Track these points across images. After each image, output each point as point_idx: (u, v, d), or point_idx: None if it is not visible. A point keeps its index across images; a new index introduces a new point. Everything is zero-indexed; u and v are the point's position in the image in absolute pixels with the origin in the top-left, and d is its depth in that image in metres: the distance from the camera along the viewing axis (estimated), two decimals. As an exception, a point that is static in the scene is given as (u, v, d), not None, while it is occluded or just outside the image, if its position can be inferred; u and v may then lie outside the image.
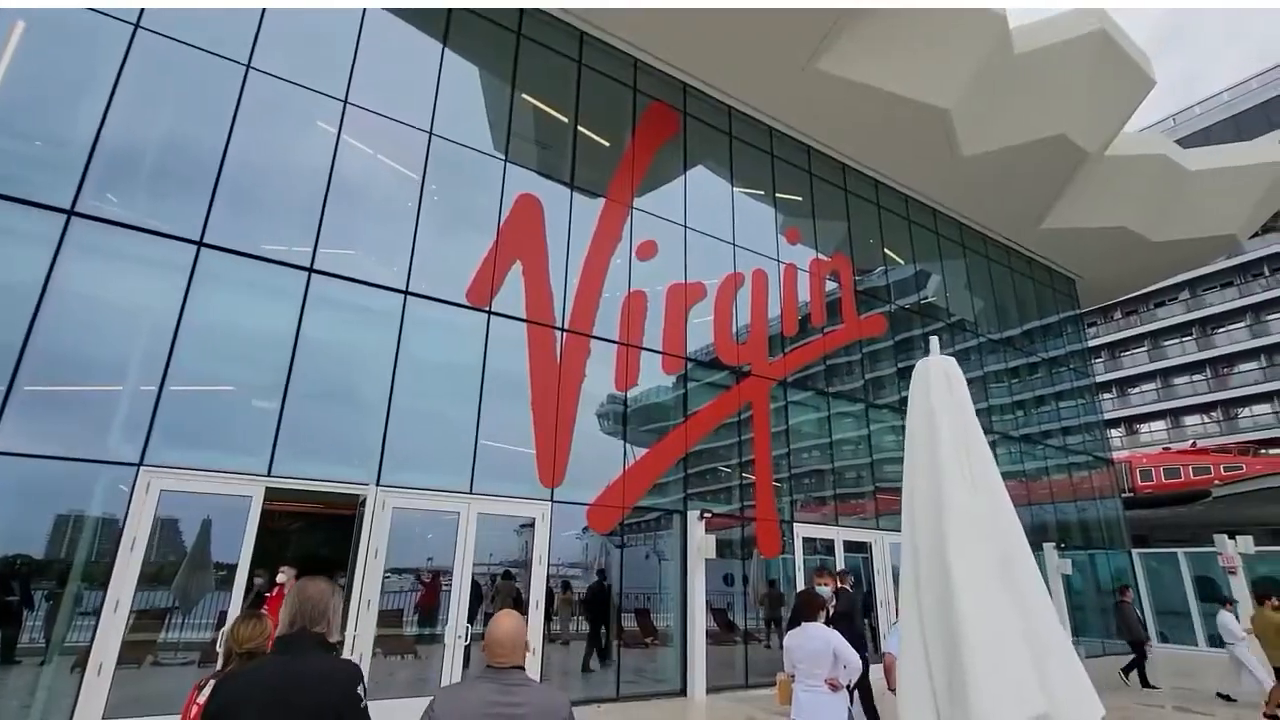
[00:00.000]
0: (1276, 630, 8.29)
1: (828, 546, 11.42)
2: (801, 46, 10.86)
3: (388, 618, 7.77)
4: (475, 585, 8.00)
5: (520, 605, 8.11)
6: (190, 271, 6.88)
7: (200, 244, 6.97)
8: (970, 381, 11.42)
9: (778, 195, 12.71)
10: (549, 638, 9.19)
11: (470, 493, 7.98)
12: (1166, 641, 16.66)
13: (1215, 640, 16.13)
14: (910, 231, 14.95)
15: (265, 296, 7.40)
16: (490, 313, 8.71)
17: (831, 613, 5.19)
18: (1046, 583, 8.91)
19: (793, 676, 4.60)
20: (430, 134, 8.81)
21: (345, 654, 6.65)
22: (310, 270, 7.54)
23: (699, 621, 9.23)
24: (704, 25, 10.49)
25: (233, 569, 6.46)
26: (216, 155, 7.27)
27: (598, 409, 9.66)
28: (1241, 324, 34.97)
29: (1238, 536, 14.48)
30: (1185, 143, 20.63)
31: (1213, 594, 16.19)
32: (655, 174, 11.08)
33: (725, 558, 10.42)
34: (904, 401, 13.46)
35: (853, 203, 13.90)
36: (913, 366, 2.71)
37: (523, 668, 2.26)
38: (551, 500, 8.55)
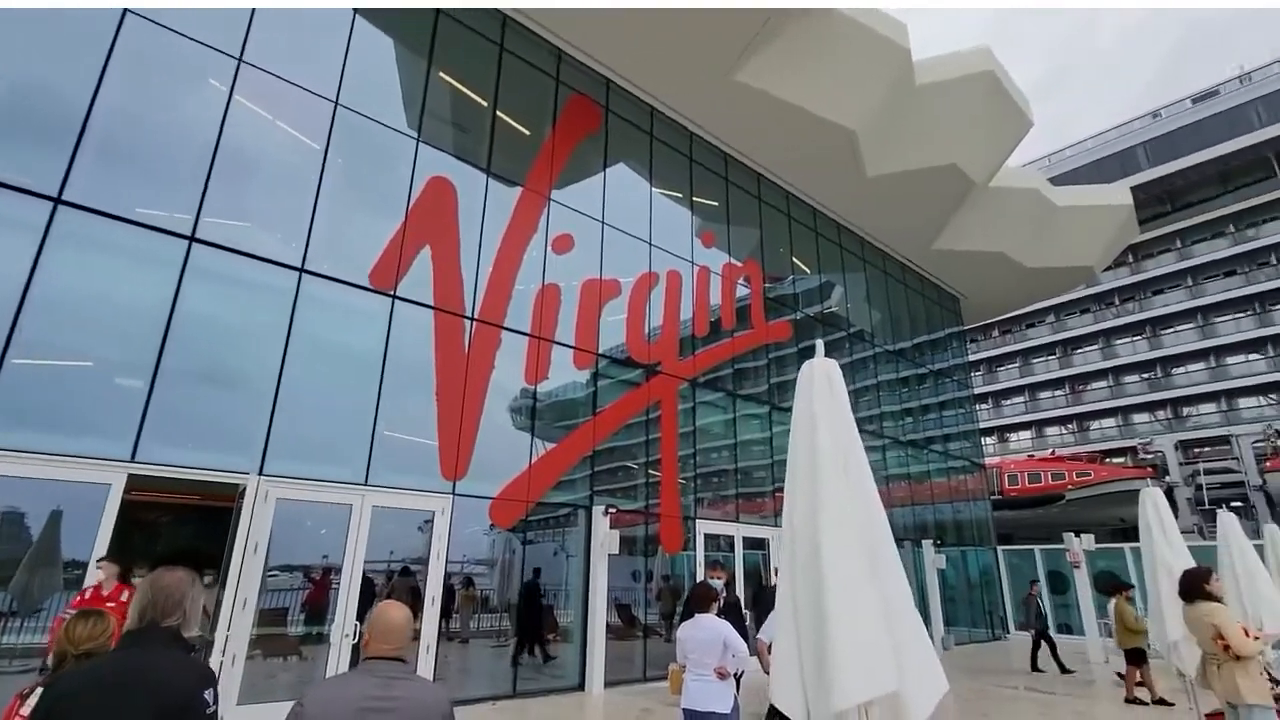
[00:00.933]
0: (1134, 619, 9.41)
1: (729, 543, 11.80)
2: (723, 55, 11.16)
3: (271, 617, 7.30)
4: (369, 582, 7.65)
5: (418, 602, 7.84)
6: (44, 231, 6.13)
7: (58, 201, 6.23)
8: (866, 389, 12.07)
9: (695, 199, 12.99)
10: (447, 635, 8.95)
11: (365, 484, 7.61)
12: (1023, 629, 18.46)
13: (1064, 628, 18.08)
14: (817, 243, 15.72)
15: (136, 264, 6.72)
16: (395, 297, 8.34)
17: (722, 604, 5.37)
18: (924, 576, 9.60)
19: (684, 667, 4.71)
20: (336, 104, 8.32)
21: (215, 655, 6.18)
22: (191, 239, 6.92)
23: (600, 617, 9.28)
24: (629, 23, 10.56)
25: (87, 566, 5.82)
26: (82, 105, 6.52)
27: (510, 403, 9.50)
28: (1095, 347, 39.36)
29: (1082, 535, 16.28)
30: (1056, 181, 22.88)
31: (1064, 587, 18.11)
32: (575, 168, 11.02)
33: (630, 554, 10.53)
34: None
35: (765, 212, 14.43)
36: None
37: (404, 660, 2.17)
38: (453, 494, 8.31)
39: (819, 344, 2.79)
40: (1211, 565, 5.75)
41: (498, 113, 10.18)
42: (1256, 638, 4.68)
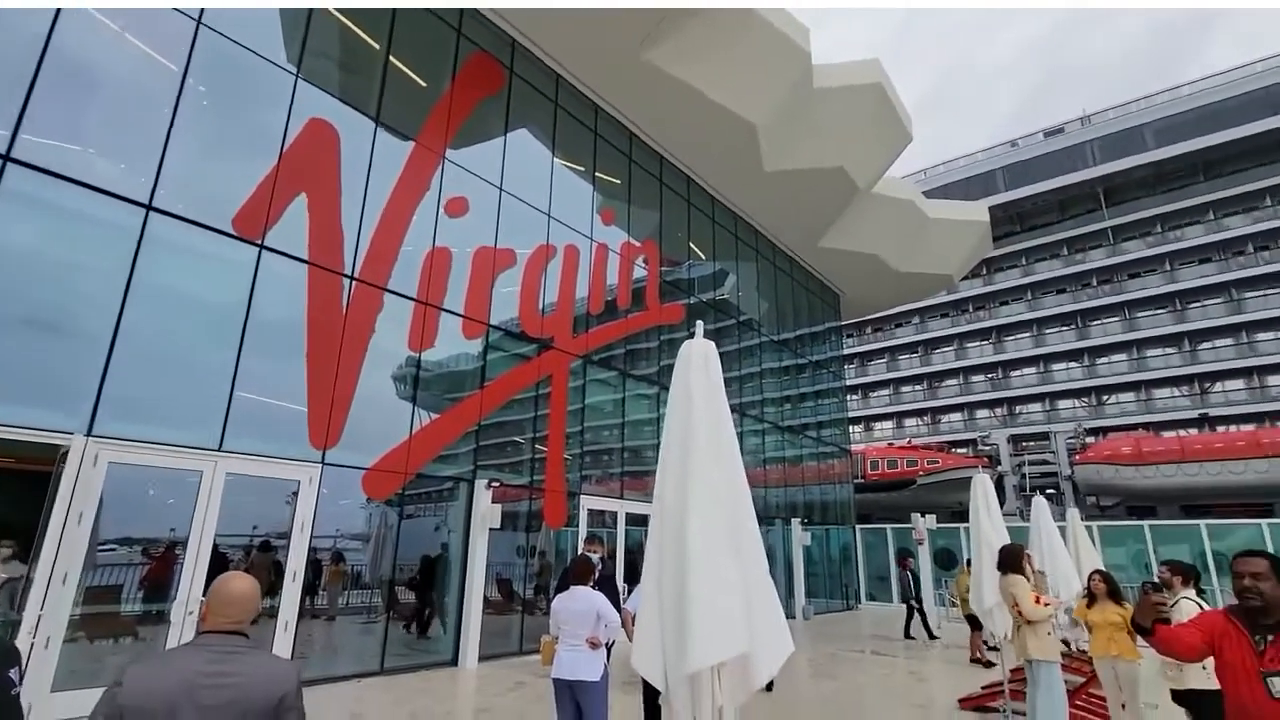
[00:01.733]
0: (966, 589, 10.59)
1: (613, 519, 12.00)
2: (632, 32, 11.08)
3: (102, 595, 6.54)
4: (222, 558, 7.03)
5: (279, 579, 7.34)
6: None
7: None
8: (750, 376, 12.65)
9: (597, 174, 12.89)
10: (311, 613, 8.48)
11: (219, 450, 6.96)
12: (873, 600, 20.41)
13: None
14: (714, 231, 16.16)
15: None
16: (262, 247, 7.62)
17: (597, 577, 5.47)
18: (791, 552, 10.31)
19: (557, 638, 4.77)
20: (199, 22, 7.39)
21: (24, 637, 5.45)
22: (6, 159, 5.92)
23: (477, 591, 9.15)
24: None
25: None
26: None
27: (393, 370, 9.05)
28: (950, 348, 43.69)
29: (926, 515, 18.17)
30: (929, 194, 24.89)
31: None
32: (474, 128, 10.56)
33: (513, 529, 10.44)
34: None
35: (666, 195, 14.61)
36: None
37: (246, 635, 2.00)
38: (322, 463, 7.80)
39: (699, 325, 2.88)
40: (1025, 543, 6.64)
41: (391, 58, 9.51)
42: (1046, 604, 5.47)
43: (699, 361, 2.72)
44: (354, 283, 8.45)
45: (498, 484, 9.62)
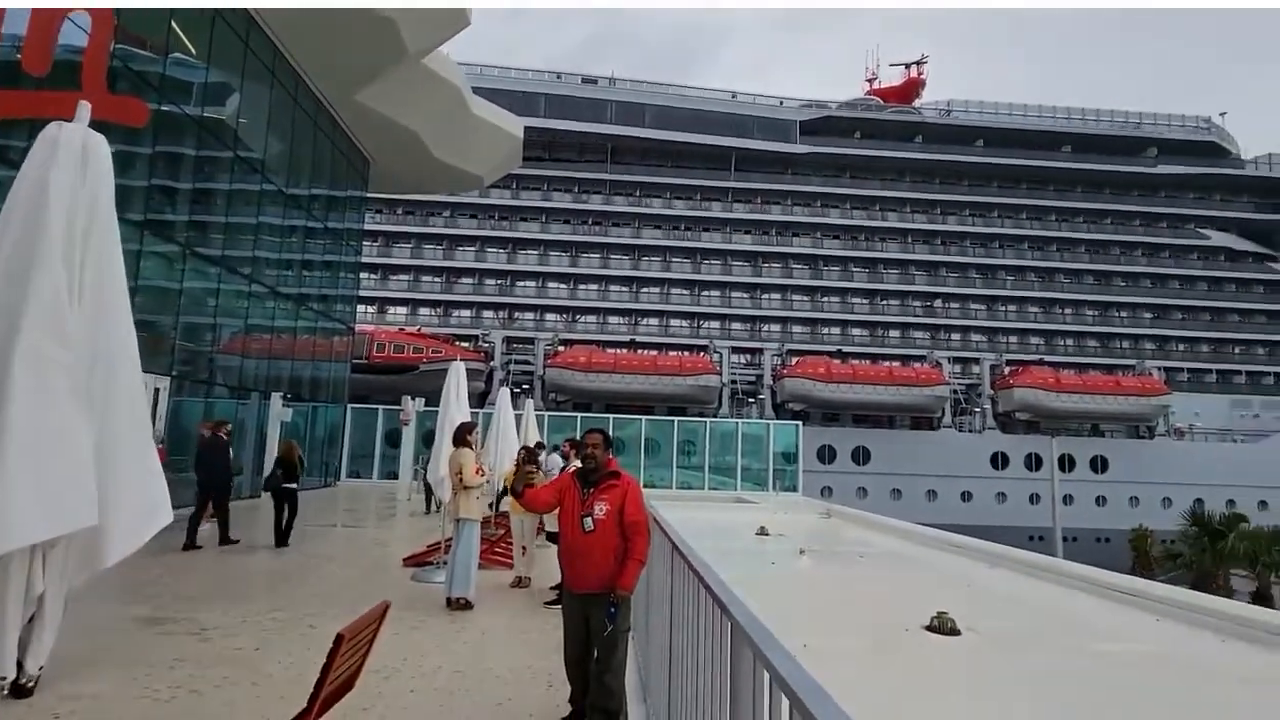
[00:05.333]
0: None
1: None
2: None
3: None
4: None
5: None
6: None
7: None
8: (245, 228, 10.55)
9: None
10: None
11: None
12: (356, 476, 20.62)
13: (392, 475, 20.95)
14: (214, 27, 12.44)
15: None
16: None
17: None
18: (266, 427, 9.34)
19: None
20: None
21: None
22: None
23: None
24: None
25: None
26: None
27: None
28: (472, 249, 46.47)
29: (417, 398, 19.15)
30: (479, 93, 25.05)
31: (397, 441, 20.92)
32: None
33: None
34: (155, 225, 11.24)
35: (140, -58, 10.40)
36: (183, 190, 2.12)
37: None
38: None
39: (83, 106, 2.05)
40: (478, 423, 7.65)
41: None
42: (480, 473, 6.48)
43: (72, 155, 1.94)
44: None
45: None
